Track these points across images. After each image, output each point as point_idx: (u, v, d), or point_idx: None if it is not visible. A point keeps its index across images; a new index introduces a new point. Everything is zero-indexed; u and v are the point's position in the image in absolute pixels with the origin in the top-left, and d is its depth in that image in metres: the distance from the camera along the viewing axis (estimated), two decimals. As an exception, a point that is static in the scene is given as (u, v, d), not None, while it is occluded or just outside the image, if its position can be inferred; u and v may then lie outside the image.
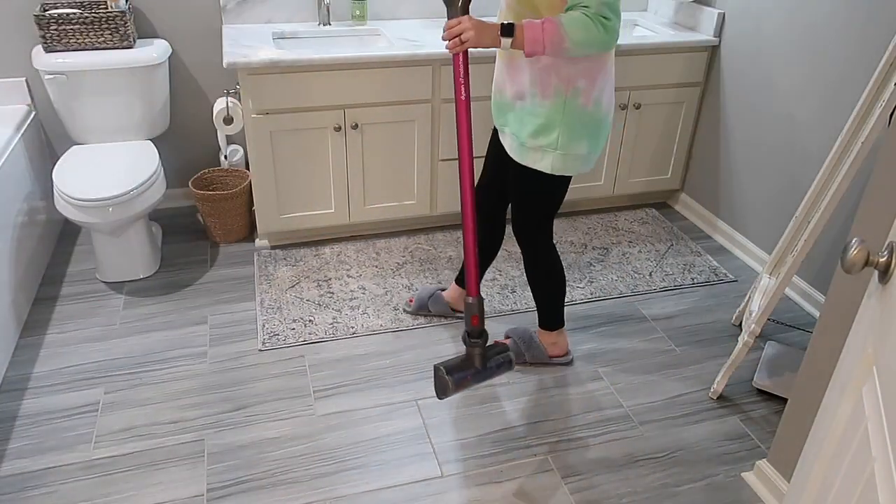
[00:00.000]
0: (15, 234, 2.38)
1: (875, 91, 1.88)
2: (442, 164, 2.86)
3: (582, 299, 2.62)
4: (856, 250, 0.96)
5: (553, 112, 1.81)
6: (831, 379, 1.18)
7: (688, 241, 3.04)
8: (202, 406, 2.08)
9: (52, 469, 1.86)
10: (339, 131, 2.65)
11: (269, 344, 2.33)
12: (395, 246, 2.92)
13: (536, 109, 1.82)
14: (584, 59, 1.75)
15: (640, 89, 2.96)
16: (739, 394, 2.20)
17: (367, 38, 2.90)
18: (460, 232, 3.03)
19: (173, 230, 2.99)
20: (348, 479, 1.86)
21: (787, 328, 2.51)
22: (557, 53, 1.69)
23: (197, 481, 1.84)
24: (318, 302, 2.54)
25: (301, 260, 2.79)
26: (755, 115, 2.78)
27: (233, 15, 2.83)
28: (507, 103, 1.92)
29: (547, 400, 2.15)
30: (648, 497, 1.84)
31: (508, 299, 2.59)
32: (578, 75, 1.77)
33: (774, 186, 2.73)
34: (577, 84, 1.78)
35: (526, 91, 1.83)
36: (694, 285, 2.74)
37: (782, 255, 2.26)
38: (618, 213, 3.25)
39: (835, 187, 1.85)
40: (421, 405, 2.11)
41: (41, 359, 2.25)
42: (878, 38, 2.21)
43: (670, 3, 3.15)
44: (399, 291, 2.61)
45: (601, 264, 2.85)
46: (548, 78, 1.78)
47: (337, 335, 2.38)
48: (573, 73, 1.76)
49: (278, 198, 2.73)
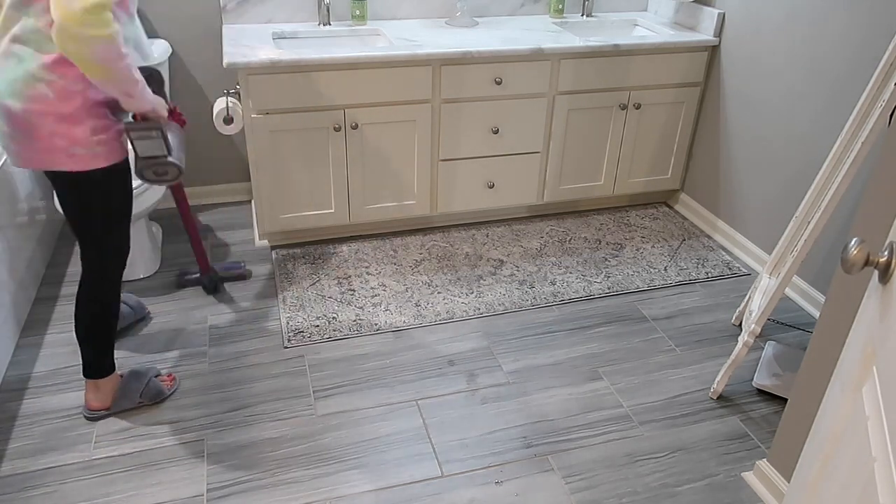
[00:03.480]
0: (15, 234, 2.38)
1: (875, 91, 1.88)
2: (442, 164, 2.86)
3: (600, 293, 2.64)
4: (856, 250, 0.96)
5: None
6: (831, 379, 1.18)
7: (700, 236, 3.06)
8: (202, 406, 2.08)
9: (52, 469, 1.86)
10: (339, 131, 2.65)
11: (294, 341, 2.34)
12: (411, 243, 2.93)
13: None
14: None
15: (640, 89, 2.96)
16: (739, 394, 2.20)
17: (367, 38, 2.90)
18: (468, 230, 3.03)
19: (174, 230, 2.99)
20: (348, 479, 1.86)
21: (787, 328, 2.51)
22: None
23: (197, 481, 1.84)
24: (340, 299, 2.56)
25: (320, 258, 2.79)
26: (755, 115, 2.78)
27: (233, 15, 2.83)
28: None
29: (547, 400, 2.15)
30: (648, 497, 1.84)
31: (528, 294, 2.60)
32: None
33: (774, 186, 2.73)
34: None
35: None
36: (709, 279, 2.76)
37: (782, 255, 2.26)
38: (628, 210, 3.27)
39: (835, 187, 1.85)
40: (421, 405, 2.11)
41: (41, 359, 2.25)
42: (878, 38, 2.21)
43: (670, 3, 3.15)
44: (419, 288, 2.63)
45: (616, 259, 2.87)
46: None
47: (362, 332, 2.41)
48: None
49: (278, 198, 2.73)
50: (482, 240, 2.99)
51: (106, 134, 1.71)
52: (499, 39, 2.76)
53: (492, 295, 2.62)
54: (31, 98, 1.59)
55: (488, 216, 3.14)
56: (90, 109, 1.66)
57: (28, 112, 1.60)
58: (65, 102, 1.61)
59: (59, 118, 1.62)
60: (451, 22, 2.97)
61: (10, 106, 1.60)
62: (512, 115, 2.84)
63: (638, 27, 3.19)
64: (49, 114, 1.61)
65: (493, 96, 2.78)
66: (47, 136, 1.63)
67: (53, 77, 1.59)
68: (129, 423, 2.02)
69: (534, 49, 2.70)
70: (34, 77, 1.58)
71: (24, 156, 1.67)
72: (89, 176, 1.72)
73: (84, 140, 1.66)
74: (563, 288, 2.68)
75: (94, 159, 1.70)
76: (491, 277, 2.73)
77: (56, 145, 1.64)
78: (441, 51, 2.60)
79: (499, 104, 2.80)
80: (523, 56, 2.72)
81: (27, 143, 1.64)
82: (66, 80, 1.60)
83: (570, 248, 2.95)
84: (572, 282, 2.71)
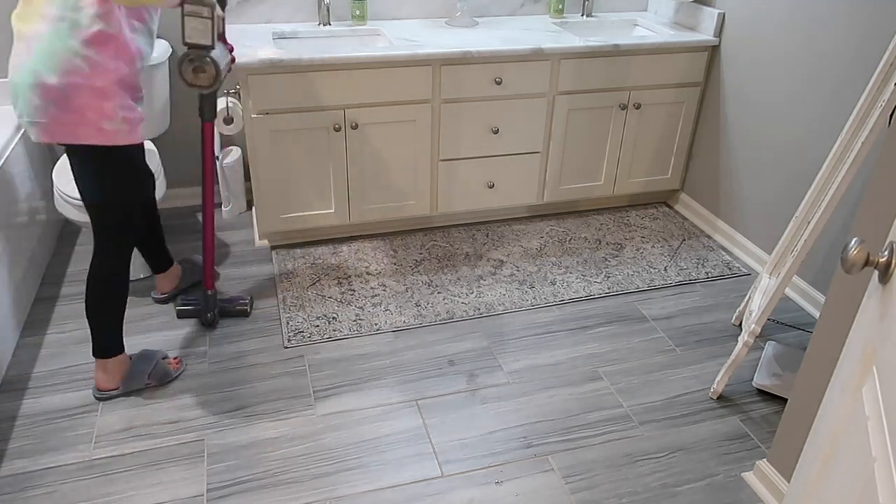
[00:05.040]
0: (15, 234, 2.38)
1: (875, 91, 1.88)
2: (442, 164, 2.86)
3: (600, 293, 2.64)
4: (856, 250, 0.96)
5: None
6: (831, 379, 1.18)
7: (700, 236, 3.06)
8: (202, 406, 2.08)
9: (52, 469, 1.86)
10: (339, 131, 2.65)
11: (294, 341, 2.34)
12: (411, 243, 2.93)
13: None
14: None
15: (640, 89, 2.96)
16: (739, 394, 2.20)
17: (367, 38, 2.90)
18: (468, 230, 3.03)
19: (173, 230, 2.99)
20: (348, 479, 1.86)
21: (787, 328, 2.51)
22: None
23: (197, 481, 1.84)
24: (340, 299, 2.56)
25: (320, 258, 2.79)
26: (755, 115, 2.78)
27: (233, 15, 2.83)
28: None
29: (547, 400, 2.15)
30: (648, 497, 1.84)
31: (528, 294, 2.60)
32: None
33: (774, 186, 2.73)
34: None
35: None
36: (709, 279, 2.76)
37: (782, 255, 2.26)
38: (628, 210, 3.27)
39: (835, 187, 1.85)
40: (421, 405, 2.11)
41: (41, 359, 2.25)
42: (879, 38, 2.21)
43: (670, 3, 3.15)
44: (419, 288, 2.63)
45: (616, 259, 2.87)
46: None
47: (362, 332, 2.40)
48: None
49: (278, 198, 2.73)
50: (482, 240, 2.99)
51: (131, 114, 1.83)
52: (499, 39, 2.76)
53: (492, 295, 2.62)
54: (68, 72, 1.69)
55: (488, 216, 3.14)
56: (120, 87, 1.78)
57: (64, 85, 1.70)
58: (98, 77, 1.73)
59: (93, 92, 1.73)
60: (451, 22, 2.97)
61: (47, 80, 1.69)
62: (512, 115, 2.84)
63: (638, 27, 3.19)
64: (84, 87, 1.72)
65: (493, 96, 2.78)
66: (80, 109, 1.74)
67: (90, 53, 1.70)
68: (129, 423, 2.02)
69: (534, 49, 2.70)
70: (72, 51, 1.69)
71: (51, 128, 1.76)
72: (111, 151, 1.83)
73: (112, 115, 1.78)
74: (563, 288, 2.68)
75: (117, 135, 1.81)
76: (491, 277, 2.73)
77: (87, 118, 1.75)
78: (441, 51, 2.60)
79: (499, 104, 2.80)
80: (523, 56, 2.72)
81: (58, 114, 1.73)
82: (100, 57, 1.72)
83: (570, 248, 2.95)
84: (572, 282, 2.71)
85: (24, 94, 1.72)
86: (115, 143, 1.82)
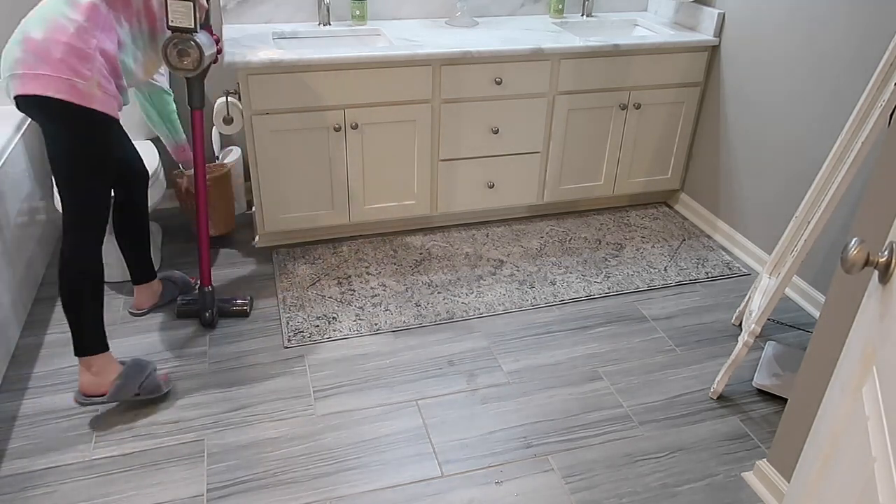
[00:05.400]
0: (15, 234, 2.38)
1: (875, 91, 1.88)
2: (442, 163, 2.86)
3: (600, 293, 2.64)
4: (856, 250, 0.96)
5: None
6: (831, 379, 1.18)
7: (700, 236, 3.06)
8: (202, 406, 2.08)
9: (52, 469, 1.86)
10: (339, 131, 2.65)
11: (294, 341, 2.34)
12: (411, 243, 2.93)
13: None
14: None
15: (640, 89, 2.96)
16: (739, 394, 2.20)
17: (367, 38, 2.90)
18: (468, 230, 3.03)
19: (173, 230, 2.99)
20: (348, 479, 1.86)
21: (787, 328, 2.51)
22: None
23: (197, 481, 1.84)
24: (340, 299, 2.56)
25: (320, 258, 2.79)
26: (755, 115, 2.78)
27: (233, 15, 2.83)
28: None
29: (547, 400, 2.15)
30: (648, 497, 1.84)
31: (528, 294, 2.60)
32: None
33: (774, 186, 2.73)
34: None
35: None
36: (709, 279, 2.76)
37: (782, 255, 2.26)
38: (628, 210, 3.27)
39: (835, 187, 1.85)
40: (421, 405, 2.11)
41: (41, 359, 2.25)
42: (878, 38, 2.21)
43: (670, 3, 3.15)
44: (419, 288, 2.63)
45: (616, 259, 2.87)
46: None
47: (362, 332, 2.40)
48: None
49: (278, 198, 2.73)
50: (482, 240, 2.99)
51: (107, 84, 1.86)
52: (499, 39, 2.76)
53: (492, 295, 2.62)
54: (53, 29, 1.77)
55: (488, 216, 3.14)
56: (100, 55, 1.83)
57: (47, 40, 1.77)
58: (81, 40, 1.79)
59: (72, 49, 1.78)
60: (451, 22, 2.97)
61: (33, 35, 1.77)
62: (512, 115, 2.84)
63: (638, 27, 3.19)
64: (64, 43, 1.77)
65: (492, 96, 2.78)
66: (57, 62, 1.77)
67: (79, 18, 1.79)
68: (129, 423, 2.02)
69: (534, 49, 2.70)
70: (62, 15, 1.78)
71: (26, 81, 1.78)
72: (83, 115, 1.84)
73: (87, 76, 1.81)
74: (563, 288, 2.68)
75: (90, 98, 1.82)
76: (491, 277, 2.73)
77: (62, 71, 1.78)
78: (441, 51, 2.60)
79: (499, 104, 2.80)
80: (523, 56, 2.72)
81: (36, 66, 1.77)
82: (87, 24, 1.79)
83: (570, 248, 2.95)
84: (572, 282, 2.71)
85: (11, 50, 1.79)
86: (87, 106, 1.82)
